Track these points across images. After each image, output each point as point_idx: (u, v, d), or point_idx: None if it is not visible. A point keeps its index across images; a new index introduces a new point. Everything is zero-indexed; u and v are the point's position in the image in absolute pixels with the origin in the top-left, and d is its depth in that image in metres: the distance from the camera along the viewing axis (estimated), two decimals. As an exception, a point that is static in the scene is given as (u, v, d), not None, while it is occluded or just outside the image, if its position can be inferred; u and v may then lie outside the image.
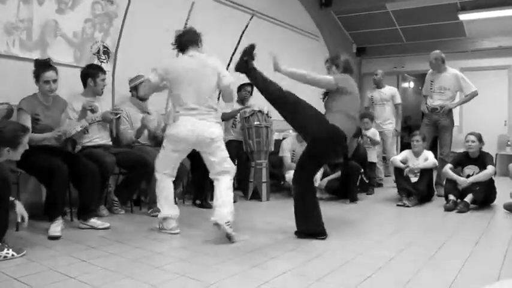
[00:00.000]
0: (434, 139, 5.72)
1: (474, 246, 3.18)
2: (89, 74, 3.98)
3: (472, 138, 4.78)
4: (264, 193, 5.12)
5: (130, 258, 2.78)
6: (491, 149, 5.73)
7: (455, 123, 5.84)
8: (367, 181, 5.62)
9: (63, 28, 4.14)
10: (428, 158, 5.07)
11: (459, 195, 4.67)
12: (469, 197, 4.55)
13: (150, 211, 4.10)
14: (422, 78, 6.09)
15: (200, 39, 3.47)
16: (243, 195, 5.29)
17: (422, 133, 5.29)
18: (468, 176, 4.71)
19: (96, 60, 4.41)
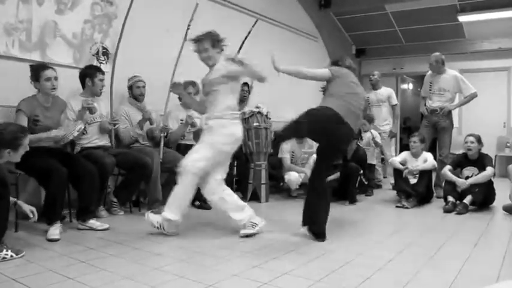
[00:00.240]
0: (433, 140, 5.72)
1: (473, 247, 3.19)
2: (87, 75, 3.99)
3: (472, 139, 4.78)
4: (263, 194, 5.12)
5: (129, 259, 2.78)
6: (490, 151, 5.73)
7: (454, 124, 5.85)
8: (366, 182, 5.62)
9: (62, 29, 4.14)
10: (427, 160, 5.07)
11: (458, 196, 4.67)
12: (468, 199, 4.55)
13: (150, 211, 4.09)
14: (421, 79, 6.10)
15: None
16: (242, 196, 5.28)
17: (420, 134, 5.29)
18: (467, 178, 4.71)
19: (95, 61, 4.41)
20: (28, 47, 3.88)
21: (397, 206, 4.86)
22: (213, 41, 3.42)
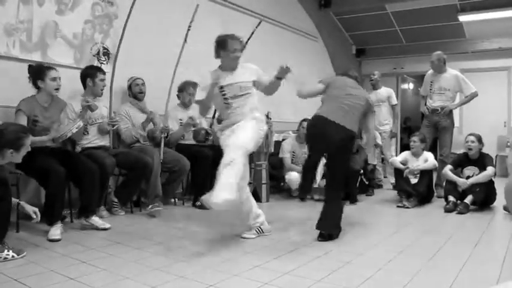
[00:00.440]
0: (434, 140, 5.72)
1: (474, 247, 3.18)
2: (88, 75, 3.98)
3: (472, 138, 4.78)
4: (264, 194, 5.13)
5: (130, 259, 2.78)
6: (491, 150, 5.72)
7: (455, 124, 5.84)
8: (367, 182, 5.62)
9: (63, 29, 4.14)
10: (428, 159, 5.07)
11: (459, 196, 4.67)
12: (469, 198, 4.55)
13: (150, 207, 4.10)
14: (421, 79, 6.09)
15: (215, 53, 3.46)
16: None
17: (421, 134, 5.29)
18: (468, 177, 4.71)
19: (96, 61, 4.41)
20: (29, 48, 3.88)
21: (398, 206, 4.86)
22: None
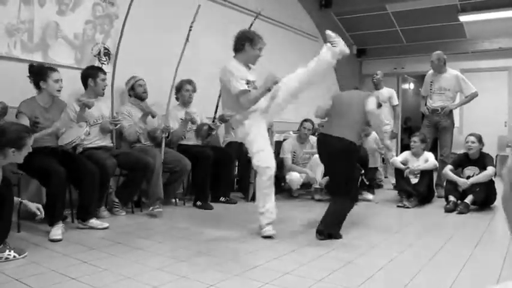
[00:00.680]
0: (434, 140, 5.72)
1: (474, 247, 3.19)
2: (89, 75, 3.98)
3: (472, 139, 4.78)
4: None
5: (131, 259, 2.78)
6: (491, 150, 5.73)
7: (455, 124, 5.85)
8: (367, 183, 5.62)
9: (64, 30, 4.15)
10: (428, 159, 5.07)
11: (459, 196, 4.67)
12: (470, 198, 4.56)
13: (151, 208, 4.11)
14: (422, 79, 6.09)
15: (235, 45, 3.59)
16: (243, 196, 5.29)
17: (421, 134, 5.29)
18: (468, 177, 4.71)
19: (96, 61, 4.42)
20: (30, 48, 3.89)
21: (398, 206, 4.86)
22: None
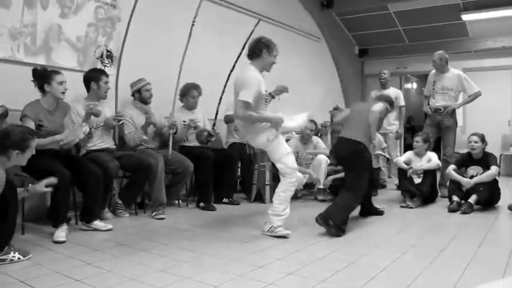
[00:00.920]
0: (437, 140, 5.71)
1: (478, 247, 3.18)
2: (92, 78, 3.98)
3: (475, 138, 4.77)
4: (268, 195, 5.12)
5: (134, 261, 2.79)
6: (495, 150, 5.71)
7: (458, 123, 5.83)
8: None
9: (66, 33, 4.17)
10: (431, 159, 5.06)
11: (463, 196, 4.66)
12: (473, 198, 4.54)
13: (154, 214, 4.12)
14: (425, 79, 6.09)
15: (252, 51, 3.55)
16: (246, 197, 5.30)
17: (424, 134, 5.28)
18: (472, 177, 4.70)
19: (99, 64, 4.43)
20: (33, 51, 3.91)
21: (402, 206, 4.85)
22: None
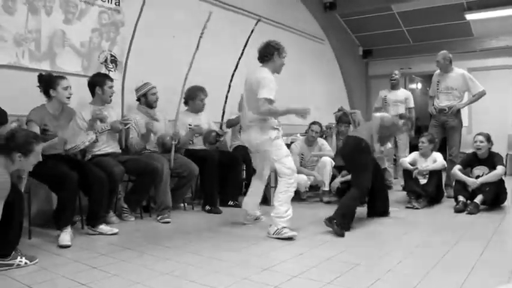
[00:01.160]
0: (442, 140, 5.68)
1: (484, 247, 3.16)
2: (97, 83, 4.00)
3: (481, 138, 4.74)
4: (273, 197, 5.11)
5: (140, 264, 2.80)
6: (501, 149, 5.68)
7: (464, 123, 5.80)
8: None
9: (70, 38, 4.19)
10: (437, 160, 5.04)
11: (469, 196, 4.63)
12: (479, 198, 4.51)
13: (160, 218, 4.12)
14: (429, 79, 6.07)
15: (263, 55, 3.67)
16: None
17: (429, 135, 5.26)
18: (478, 177, 4.68)
19: (103, 69, 4.45)
20: (37, 57, 3.94)
21: (407, 207, 4.83)
22: None
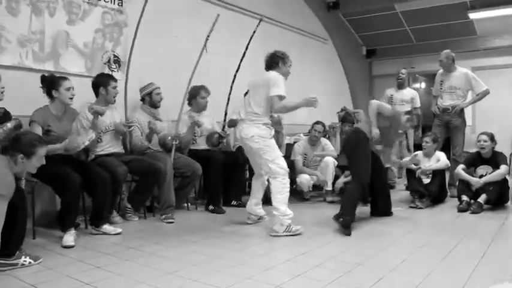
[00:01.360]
0: (446, 139, 5.67)
1: (488, 247, 3.15)
2: (100, 83, 4.02)
3: (484, 138, 4.73)
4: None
5: (143, 264, 2.82)
6: (504, 149, 5.65)
7: (467, 123, 5.78)
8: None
9: (74, 39, 4.22)
10: (440, 159, 5.03)
11: (472, 195, 4.62)
12: (483, 198, 4.50)
13: (163, 217, 4.14)
14: (433, 78, 6.05)
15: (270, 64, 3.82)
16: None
17: (433, 134, 5.25)
18: (481, 177, 4.66)
19: (107, 69, 4.47)
20: (41, 58, 3.96)
21: (411, 207, 4.82)
22: None
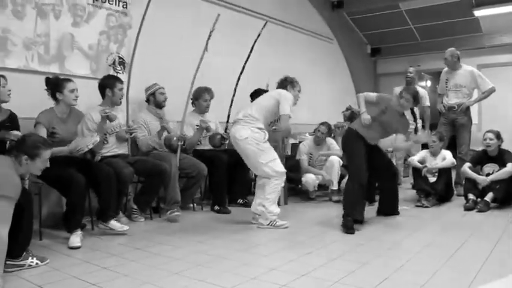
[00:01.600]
0: (452, 138, 5.64)
1: (494, 246, 3.14)
2: (107, 85, 4.03)
3: (491, 136, 4.70)
4: (282, 197, 5.11)
5: (149, 264, 2.83)
6: (511, 147, 5.61)
7: (473, 121, 5.75)
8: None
9: (79, 41, 4.24)
10: (446, 158, 5.01)
11: (479, 194, 4.60)
12: (490, 196, 4.49)
13: (169, 212, 4.15)
14: (438, 76, 6.03)
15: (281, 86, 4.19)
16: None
17: (439, 133, 5.23)
18: (488, 175, 4.65)
19: (112, 71, 4.49)
20: (47, 60, 3.99)
21: (417, 205, 4.81)
22: None
